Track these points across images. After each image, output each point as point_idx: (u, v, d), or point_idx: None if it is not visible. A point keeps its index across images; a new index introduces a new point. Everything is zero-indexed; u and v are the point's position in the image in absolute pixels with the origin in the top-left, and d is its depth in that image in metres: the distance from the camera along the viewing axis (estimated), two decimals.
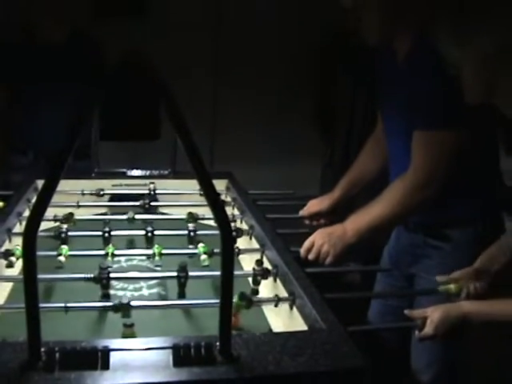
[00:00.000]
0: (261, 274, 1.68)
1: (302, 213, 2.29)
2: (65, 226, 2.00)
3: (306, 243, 1.92)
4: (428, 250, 1.99)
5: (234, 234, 1.88)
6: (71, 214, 2.11)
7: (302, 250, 1.92)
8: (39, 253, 1.08)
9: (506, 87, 1.30)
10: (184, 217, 2.16)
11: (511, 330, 1.52)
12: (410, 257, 2.06)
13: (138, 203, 2.31)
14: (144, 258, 1.95)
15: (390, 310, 2.12)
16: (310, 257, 1.90)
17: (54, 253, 1.78)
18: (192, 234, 2.00)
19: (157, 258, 1.82)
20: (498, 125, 1.92)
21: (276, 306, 1.57)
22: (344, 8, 1.83)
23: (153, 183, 2.49)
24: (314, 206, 2.28)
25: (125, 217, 2.14)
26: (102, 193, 2.43)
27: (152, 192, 2.45)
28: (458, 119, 1.73)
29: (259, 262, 1.71)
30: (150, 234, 1.96)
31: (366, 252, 2.66)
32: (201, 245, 1.87)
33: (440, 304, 1.55)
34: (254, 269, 1.69)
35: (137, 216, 2.15)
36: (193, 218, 2.14)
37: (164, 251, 1.83)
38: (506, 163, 2.06)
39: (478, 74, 1.30)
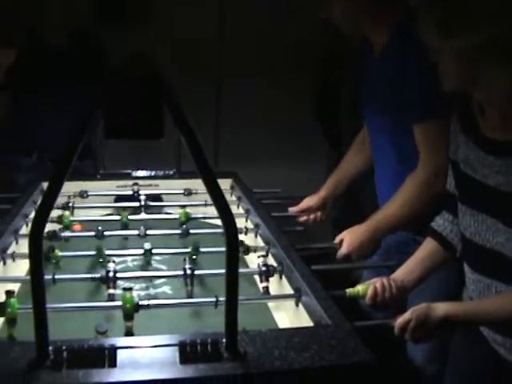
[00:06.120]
0: None
1: (292, 209, 2.37)
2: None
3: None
4: (417, 247, 1.91)
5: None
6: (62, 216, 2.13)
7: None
8: None
9: (483, 82, 1.34)
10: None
11: None
12: (397, 254, 2.03)
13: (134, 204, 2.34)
14: (136, 257, 1.95)
15: None
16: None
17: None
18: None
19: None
20: None
21: None
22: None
23: (136, 184, 2.52)
24: (304, 202, 2.39)
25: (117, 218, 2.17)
26: (85, 195, 2.46)
27: (136, 194, 2.46)
28: (444, 107, 1.71)
29: None
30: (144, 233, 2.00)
31: None
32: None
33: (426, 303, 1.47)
34: None
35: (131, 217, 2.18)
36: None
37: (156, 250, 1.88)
38: None
39: (455, 66, 1.33)
